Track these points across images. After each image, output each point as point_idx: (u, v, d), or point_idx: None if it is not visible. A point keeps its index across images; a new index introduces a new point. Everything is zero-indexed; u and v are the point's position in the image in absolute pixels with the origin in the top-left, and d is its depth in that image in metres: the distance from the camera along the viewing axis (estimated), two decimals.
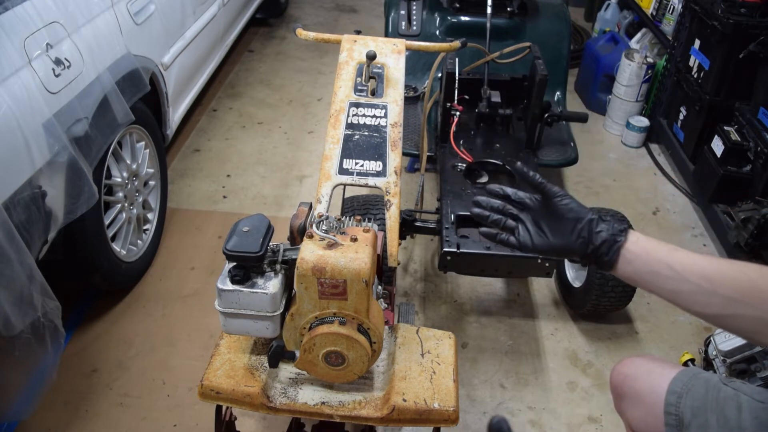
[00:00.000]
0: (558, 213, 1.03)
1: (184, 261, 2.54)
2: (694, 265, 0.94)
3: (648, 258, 0.97)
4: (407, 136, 2.57)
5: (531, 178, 1.06)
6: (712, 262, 0.94)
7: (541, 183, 1.05)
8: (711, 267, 0.93)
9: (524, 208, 1.09)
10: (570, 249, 1.03)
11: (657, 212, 3.02)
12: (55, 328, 1.63)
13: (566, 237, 1.03)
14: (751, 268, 0.92)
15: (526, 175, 1.06)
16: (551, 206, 1.04)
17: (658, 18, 3.54)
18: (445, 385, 1.29)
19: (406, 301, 2.39)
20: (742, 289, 0.90)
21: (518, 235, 1.08)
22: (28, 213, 1.63)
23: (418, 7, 2.98)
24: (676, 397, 1.14)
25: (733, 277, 0.92)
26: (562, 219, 1.03)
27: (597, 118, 3.75)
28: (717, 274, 0.92)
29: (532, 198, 1.09)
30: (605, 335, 2.33)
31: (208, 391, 1.28)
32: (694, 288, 0.93)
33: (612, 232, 1.00)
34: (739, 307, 0.90)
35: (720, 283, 0.91)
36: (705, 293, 0.92)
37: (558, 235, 1.04)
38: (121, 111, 2.03)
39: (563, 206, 1.03)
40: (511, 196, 1.10)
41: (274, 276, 1.25)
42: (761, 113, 2.58)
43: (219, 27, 3.35)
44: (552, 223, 1.05)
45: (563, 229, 1.03)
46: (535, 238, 1.06)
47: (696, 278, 0.93)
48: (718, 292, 0.91)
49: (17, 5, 1.69)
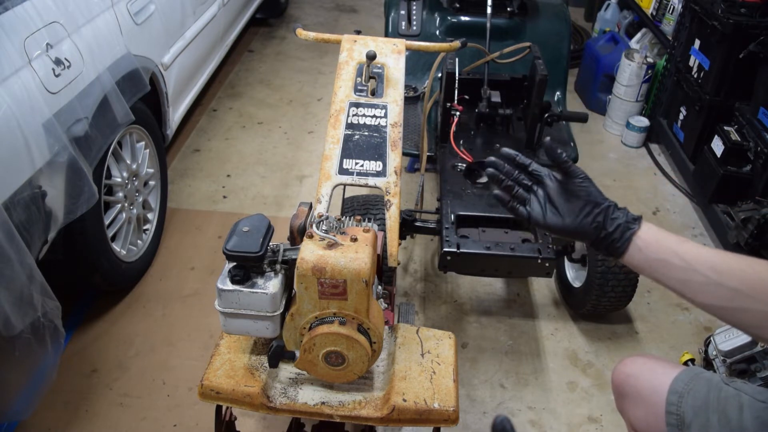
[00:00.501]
0: (576, 194, 1.04)
1: (184, 261, 2.54)
2: (702, 256, 0.95)
3: (658, 247, 0.99)
4: (407, 136, 2.57)
5: (558, 156, 1.06)
6: (720, 254, 0.96)
7: (567, 161, 1.06)
8: (719, 259, 0.95)
9: (539, 182, 1.10)
10: (583, 231, 1.04)
11: (657, 212, 3.02)
12: (55, 328, 1.63)
13: (581, 219, 1.04)
14: (759, 263, 0.93)
15: (555, 152, 1.06)
16: (570, 186, 1.05)
17: (658, 18, 3.54)
18: (445, 385, 1.29)
19: (406, 301, 2.39)
20: (750, 282, 0.91)
21: (529, 207, 1.09)
22: (28, 213, 1.63)
23: (418, 7, 2.97)
24: (677, 397, 1.14)
25: (741, 269, 0.93)
26: (579, 200, 1.04)
27: (597, 118, 3.75)
28: (725, 266, 0.94)
29: (551, 175, 1.09)
30: (605, 335, 2.33)
31: (208, 391, 1.28)
32: (701, 279, 0.94)
33: (627, 219, 1.02)
34: (745, 300, 0.91)
35: (728, 275, 0.93)
36: (712, 284, 0.93)
37: (572, 216, 1.05)
38: (121, 111, 2.03)
39: (583, 188, 1.04)
40: (528, 167, 1.10)
41: (274, 276, 1.25)
42: (761, 113, 2.58)
43: (219, 27, 3.35)
44: (567, 204, 1.06)
45: (578, 211, 1.04)
46: (548, 214, 1.07)
47: (704, 269, 0.94)
48: (726, 284, 0.92)
49: (17, 5, 1.69)
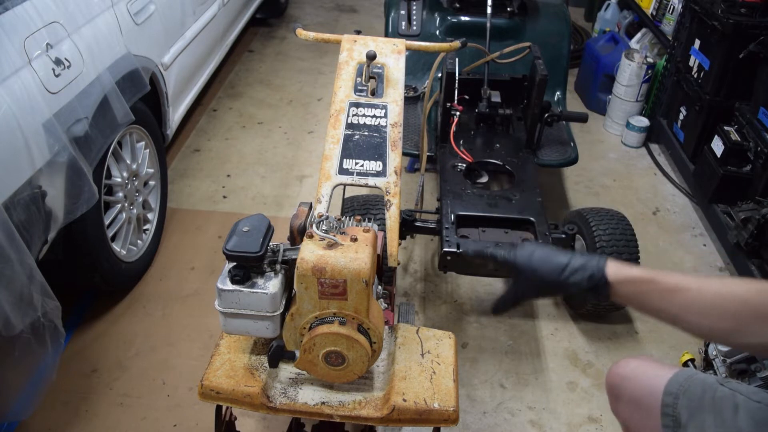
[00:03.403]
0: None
1: (184, 261, 2.54)
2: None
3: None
4: (407, 136, 2.57)
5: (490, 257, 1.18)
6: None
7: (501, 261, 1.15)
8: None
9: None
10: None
11: (657, 212, 3.02)
12: (55, 328, 1.63)
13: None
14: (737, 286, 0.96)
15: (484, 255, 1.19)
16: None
17: (658, 18, 3.54)
18: (445, 385, 1.29)
19: (406, 301, 2.39)
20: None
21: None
22: (28, 213, 1.63)
23: (418, 7, 2.97)
24: (672, 398, 1.14)
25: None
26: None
27: (597, 118, 3.75)
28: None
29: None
30: (605, 335, 2.33)
31: (208, 391, 1.28)
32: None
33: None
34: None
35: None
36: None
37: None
38: (121, 111, 2.03)
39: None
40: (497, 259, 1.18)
41: (274, 276, 1.25)
42: (761, 113, 2.58)
43: (219, 27, 3.35)
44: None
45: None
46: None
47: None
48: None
49: (17, 5, 1.69)
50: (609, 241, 2.11)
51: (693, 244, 2.81)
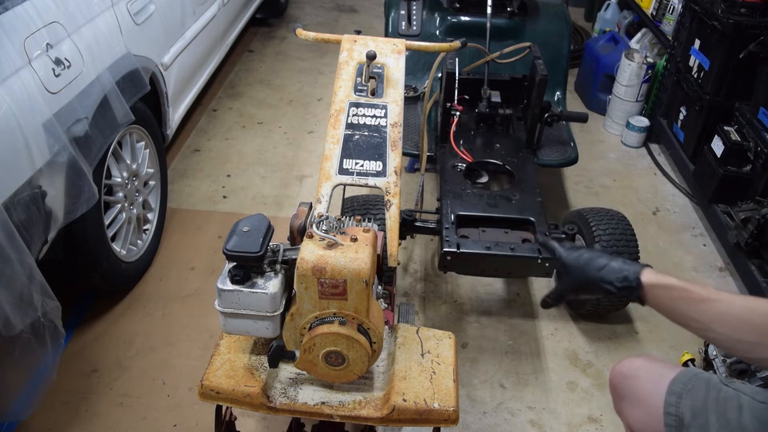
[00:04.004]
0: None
1: (184, 261, 2.54)
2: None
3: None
4: (407, 136, 2.57)
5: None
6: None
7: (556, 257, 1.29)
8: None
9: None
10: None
11: (657, 212, 3.02)
12: (55, 328, 1.63)
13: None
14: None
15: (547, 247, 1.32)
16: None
17: (658, 18, 3.54)
18: (445, 385, 1.30)
19: (406, 301, 2.39)
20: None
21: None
22: (28, 213, 1.62)
23: (418, 7, 2.97)
24: (675, 398, 1.14)
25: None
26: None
27: (597, 118, 3.74)
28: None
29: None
30: (605, 335, 2.33)
31: (208, 391, 1.28)
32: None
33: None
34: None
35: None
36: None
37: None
38: (121, 111, 2.03)
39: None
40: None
41: (274, 276, 1.25)
42: (761, 113, 2.58)
43: (219, 27, 3.35)
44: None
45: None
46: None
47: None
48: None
49: (17, 5, 1.69)
50: (609, 241, 2.11)
51: (693, 244, 2.81)
